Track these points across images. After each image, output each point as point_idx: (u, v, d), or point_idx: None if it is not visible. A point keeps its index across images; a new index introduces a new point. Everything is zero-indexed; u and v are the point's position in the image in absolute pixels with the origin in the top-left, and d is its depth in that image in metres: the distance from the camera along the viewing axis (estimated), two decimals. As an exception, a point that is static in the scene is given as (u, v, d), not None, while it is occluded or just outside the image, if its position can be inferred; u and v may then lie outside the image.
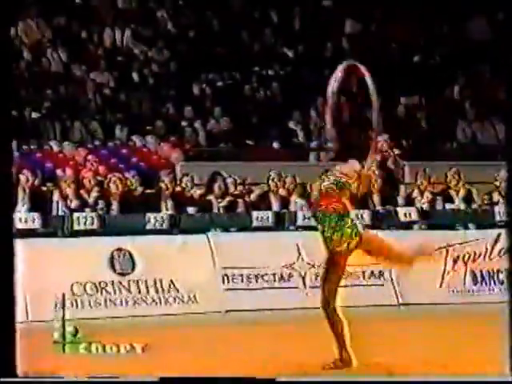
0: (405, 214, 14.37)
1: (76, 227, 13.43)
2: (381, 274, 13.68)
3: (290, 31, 19.15)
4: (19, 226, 13.25)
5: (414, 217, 14.36)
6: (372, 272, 13.67)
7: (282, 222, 14.23)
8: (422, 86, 18.48)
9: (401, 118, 18.10)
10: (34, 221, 13.36)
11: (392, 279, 13.60)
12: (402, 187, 15.41)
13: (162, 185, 14.28)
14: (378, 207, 14.58)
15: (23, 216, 13.40)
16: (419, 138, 17.76)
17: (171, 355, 8.64)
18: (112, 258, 13.02)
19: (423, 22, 19.36)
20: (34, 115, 16.32)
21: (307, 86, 18.10)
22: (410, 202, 14.73)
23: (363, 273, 13.63)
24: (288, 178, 14.60)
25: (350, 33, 19.31)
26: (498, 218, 14.23)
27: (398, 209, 14.50)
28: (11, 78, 5.83)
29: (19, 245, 12.49)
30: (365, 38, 19.18)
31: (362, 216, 14.27)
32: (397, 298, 13.57)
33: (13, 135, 5.97)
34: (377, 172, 14.37)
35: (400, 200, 14.79)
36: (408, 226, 14.31)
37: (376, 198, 14.66)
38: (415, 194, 14.85)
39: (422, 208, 14.55)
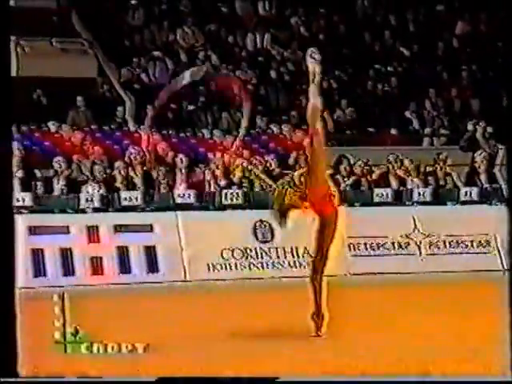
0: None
1: (224, 202, 13.62)
2: (488, 243, 13.46)
3: (407, 33, 18.90)
4: (178, 201, 13.57)
5: (519, 193, 14.04)
6: (480, 241, 13.47)
7: (399, 198, 14.12)
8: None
9: (506, 106, 17.65)
10: (190, 196, 13.63)
11: (498, 248, 13.36)
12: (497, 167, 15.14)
13: (297, 166, 14.32)
14: (486, 185, 14.33)
15: (181, 192, 13.68)
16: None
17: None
18: (255, 228, 13.15)
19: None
20: (190, 107, 16.59)
21: (421, 81, 17.89)
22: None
23: (472, 242, 13.45)
24: (406, 161, 14.50)
25: (460, 33, 18.94)
26: None
27: (503, 186, 14.20)
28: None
29: (179, 216, 13.02)
30: (473, 37, 18.78)
31: (471, 193, 14.08)
32: (502, 264, 13.31)
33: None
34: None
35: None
36: (512, 201, 14.00)
37: (483, 177, 14.42)
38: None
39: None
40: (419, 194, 14.05)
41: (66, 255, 12.42)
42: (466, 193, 14.16)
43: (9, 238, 5.26)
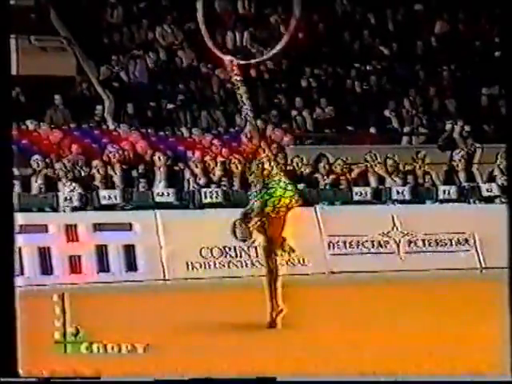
0: (487, 190, 14.15)
1: (204, 200, 13.60)
2: (466, 241, 13.50)
3: (386, 32, 18.94)
4: (157, 199, 13.53)
5: (496, 192, 14.12)
6: (458, 239, 13.51)
7: (379, 197, 14.15)
8: (502, 77, 18.03)
9: (483, 106, 17.74)
10: (170, 195, 13.58)
11: (476, 246, 13.41)
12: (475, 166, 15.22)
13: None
14: (464, 183, 14.38)
15: (160, 191, 13.63)
16: (500, 123, 17.39)
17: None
18: (234, 227, 13.08)
19: (501, 22, 18.85)
20: (169, 106, 16.53)
21: (400, 80, 17.94)
22: (491, 179, 14.49)
23: (450, 240, 13.49)
24: (389, 160, 14.55)
25: (438, 32, 19.00)
26: None
27: (481, 185, 14.28)
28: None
29: (158, 215, 12.97)
30: (452, 37, 18.85)
31: (449, 191, 14.13)
32: (480, 262, 13.36)
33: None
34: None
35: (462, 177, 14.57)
36: (490, 199, 14.07)
37: (462, 176, 14.46)
38: (496, 172, 14.58)
39: (502, 184, 14.27)
40: (398, 192, 14.07)
41: (44, 254, 12.35)
42: (444, 191, 14.22)
43: (9, 237, 5.24)
